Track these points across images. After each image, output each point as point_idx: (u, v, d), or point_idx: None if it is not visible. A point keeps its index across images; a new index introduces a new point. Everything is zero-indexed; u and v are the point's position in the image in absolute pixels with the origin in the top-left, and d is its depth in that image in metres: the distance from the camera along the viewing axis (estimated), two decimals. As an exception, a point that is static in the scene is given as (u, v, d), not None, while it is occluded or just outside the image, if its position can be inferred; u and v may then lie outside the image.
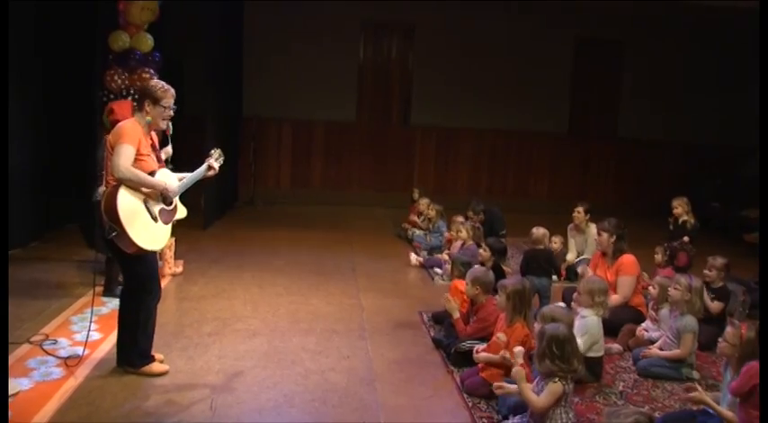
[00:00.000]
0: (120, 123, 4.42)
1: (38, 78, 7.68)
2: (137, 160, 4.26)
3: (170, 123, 4.63)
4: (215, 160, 4.83)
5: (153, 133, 4.55)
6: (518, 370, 3.89)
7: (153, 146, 4.49)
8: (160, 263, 6.78)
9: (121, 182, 4.20)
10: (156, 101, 4.39)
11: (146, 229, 4.30)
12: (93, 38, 7.76)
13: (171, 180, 4.52)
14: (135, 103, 4.51)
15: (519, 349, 4.09)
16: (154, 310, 4.57)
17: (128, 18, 7.02)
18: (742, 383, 3.73)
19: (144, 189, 4.31)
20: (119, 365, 4.55)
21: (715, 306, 5.73)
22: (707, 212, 10.64)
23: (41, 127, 7.85)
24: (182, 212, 4.66)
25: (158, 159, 4.51)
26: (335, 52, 11.91)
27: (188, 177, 4.68)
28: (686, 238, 7.42)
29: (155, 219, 4.37)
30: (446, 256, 7.74)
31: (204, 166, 4.77)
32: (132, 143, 4.23)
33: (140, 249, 4.28)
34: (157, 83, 4.50)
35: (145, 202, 4.32)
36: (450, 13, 11.87)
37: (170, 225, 4.54)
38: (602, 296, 4.87)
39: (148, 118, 4.41)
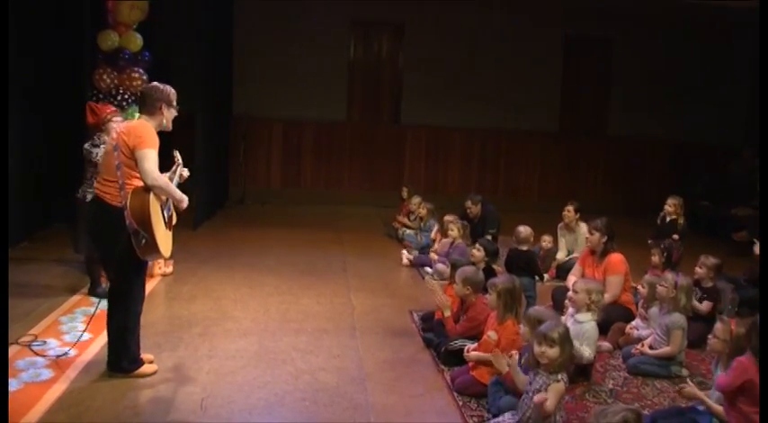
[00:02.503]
0: (135, 125, 4.41)
1: (25, 77, 7.63)
2: None
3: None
4: (182, 165, 4.84)
5: None
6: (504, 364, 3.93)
7: None
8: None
9: (152, 188, 4.21)
10: (170, 103, 4.48)
11: (164, 235, 4.36)
12: (82, 37, 7.73)
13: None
14: (143, 107, 4.50)
15: (513, 360, 4.10)
16: (140, 314, 4.56)
17: (117, 17, 7.00)
18: (732, 380, 3.73)
19: (162, 197, 4.35)
20: (110, 371, 4.52)
21: (705, 306, 5.76)
22: (696, 211, 10.69)
23: (29, 127, 7.80)
24: (174, 217, 4.69)
25: None
26: (325, 51, 11.91)
27: (173, 183, 4.70)
28: (675, 237, 7.44)
29: (166, 225, 4.42)
30: (434, 256, 7.74)
31: (177, 175, 4.78)
32: (155, 147, 4.27)
33: (159, 256, 4.36)
34: (164, 86, 4.55)
35: (161, 209, 4.36)
36: (439, 12, 11.89)
37: (171, 231, 4.59)
38: (598, 296, 4.88)
39: (165, 121, 4.46)
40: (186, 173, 4.86)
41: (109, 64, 7.02)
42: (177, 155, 4.89)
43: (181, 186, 4.78)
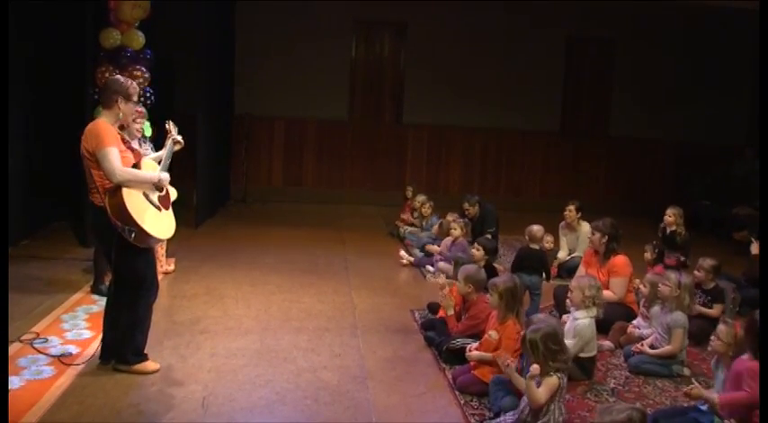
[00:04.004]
0: (90, 127, 4.37)
1: (27, 75, 7.63)
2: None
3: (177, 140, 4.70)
4: (176, 133, 4.77)
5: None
6: (505, 363, 3.95)
7: (123, 140, 4.50)
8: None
9: (121, 185, 4.21)
10: (128, 97, 4.43)
11: (156, 220, 4.35)
12: (84, 35, 7.73)
13: (153, 166, 4.57)
14: (101, 100, 4.50)
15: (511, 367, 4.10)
16: (151, 306, 4.57)
17: (119, 15, 6.99)
18: (756, 392, 3.67)
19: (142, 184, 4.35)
20: (103, 362, 4.53)
21: (715, 310, 5.77)
22: (697, 211, 10.68)
23: (31, 125, 7.81)
24: (174, 193, 4.70)
25: (132, 149, 4.52)
26: (327, 50, 11.89)
27: (163, 159, 4.67)
28: (682, 259, 7.33)
29: (158, 208, 4.41)
30: (435, 248, 7.77)
31: (170, 143, 4.71)
32: (114, 143, 4.25)
33: (158, 240, 4.40)
34: (126, 79, 4.54)
35: (145, 196, 4.35)
36: (441, 12, 11.87)
37: (171, 209, 4.58)
38: (592, 290, 4.87)
39: (120, 114, 4.43)
40: (180, 138, 4.73)
41: (111, 62, 7.01)
42: (170, 125, 4.80)
43: (180, 183, 4.77)
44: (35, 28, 7.75)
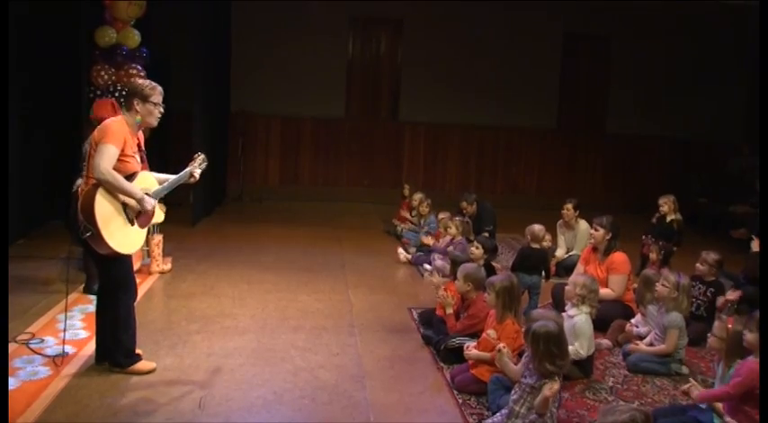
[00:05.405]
0: (106, 121, 4.35)
1: (22, 74, 7.59)
2: (120, 161, 4.20)
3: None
4: (198, 166, 4.74)
5: (140, 133, 4.51)
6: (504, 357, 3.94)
7: (139, 145, 4.45)
8: (148, 260, 6.78)
9: (99, 182, 4.15)
10: (144, 98, 4.37)
11: (121, 232, 4.24)
12: (78, 33, 7.69)
13: (151, 182, 4.49)
14: (122, 103, 4.44)
15: (506, 351, 4.09)
16: (132, 307, 4.53)
17: (114, 14, 6.96)
18: (744, 382, 3.68)
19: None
20: (98, 363, 4.51)
21: (720, 301, 5.76)
22: (694, 208, 10.68)
23: (27, 123, 7.77)
24: (159, 217, 4.59)
25: (142, 160, 4.46)
26: (324, 48, 11.88)
27: (168, 182, 4.60)
28: (675, 249, 7.34)
29: (131, 222, 4.31)
30: (430, 241, 7.86)
31: (186, 173, 4.68)
32: (116, 143, 4.18)
33: (114, 252, 4.22)
34: (144, 80, 4.51)
35: (123, 205, 4.26)
36: (438, 9, 11.86)
37: (146, 229, 4.49)
38: (583, 290, 4.85)
39: (138, 117, 4.38)
40: (198, 174, 4.72)
41: (106, 60, 6.98)
42: (199, 157, 4.75)
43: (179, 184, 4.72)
44: (30, 26, 7.70)
